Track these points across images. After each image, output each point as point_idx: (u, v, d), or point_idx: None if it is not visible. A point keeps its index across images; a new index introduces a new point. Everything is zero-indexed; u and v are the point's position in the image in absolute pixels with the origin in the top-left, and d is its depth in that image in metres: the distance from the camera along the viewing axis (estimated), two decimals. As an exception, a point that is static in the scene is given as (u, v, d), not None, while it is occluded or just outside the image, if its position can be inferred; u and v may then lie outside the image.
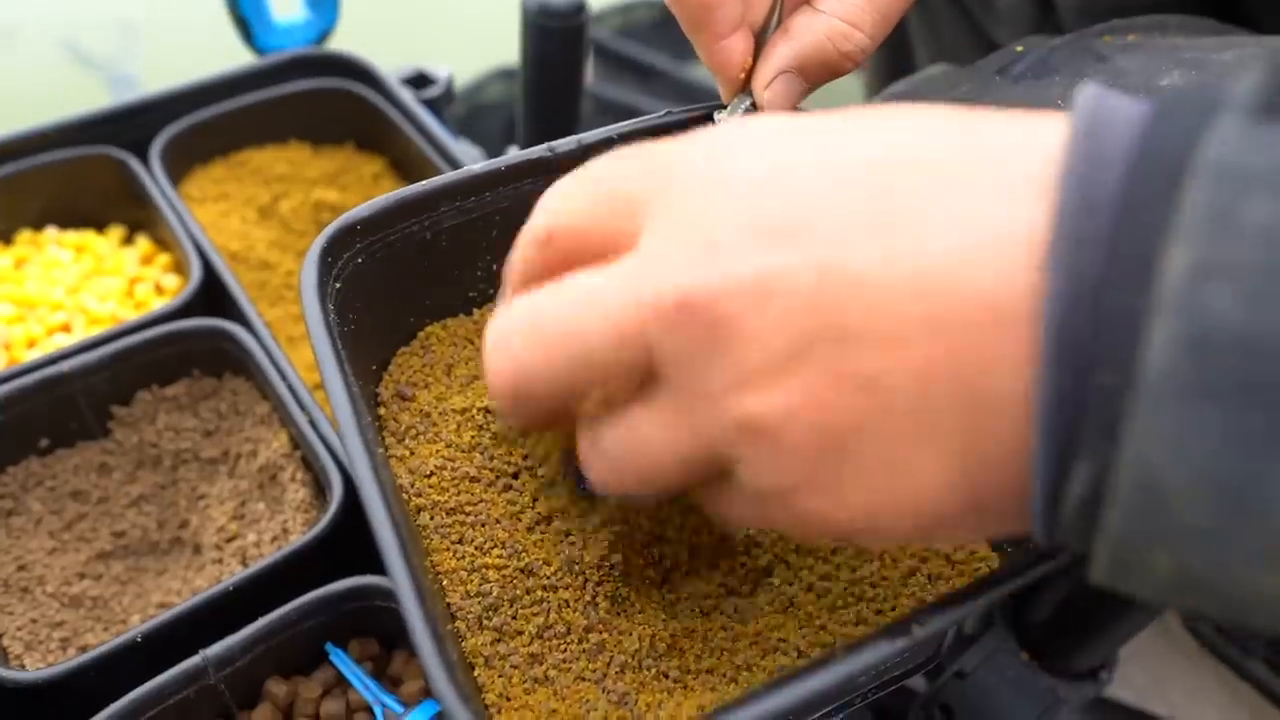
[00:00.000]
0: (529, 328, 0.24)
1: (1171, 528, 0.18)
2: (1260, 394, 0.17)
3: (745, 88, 0.37)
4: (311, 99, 0.62)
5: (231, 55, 0.66)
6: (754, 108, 0.37)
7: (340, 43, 0.67)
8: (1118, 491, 0.18)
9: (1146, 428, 0.18)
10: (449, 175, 0.37)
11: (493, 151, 0.87)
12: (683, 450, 0.23)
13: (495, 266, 0.40)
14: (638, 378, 0.22)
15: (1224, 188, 0.17)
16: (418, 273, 0.38)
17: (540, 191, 0.39)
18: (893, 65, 0.75)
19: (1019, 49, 0.43)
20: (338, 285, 0.35)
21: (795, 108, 0.36)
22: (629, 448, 0.23)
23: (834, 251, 0.20)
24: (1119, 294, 0.18)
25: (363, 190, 0.62)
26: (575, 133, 0.64)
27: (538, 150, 0.38)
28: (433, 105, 0.66)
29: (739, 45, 0.35)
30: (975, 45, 0.63)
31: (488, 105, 1.10)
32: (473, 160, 0.72)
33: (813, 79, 0.35)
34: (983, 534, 0.23)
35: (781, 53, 0.34)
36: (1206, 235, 0.17)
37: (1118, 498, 0.18)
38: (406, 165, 0.62)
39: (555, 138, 0.59)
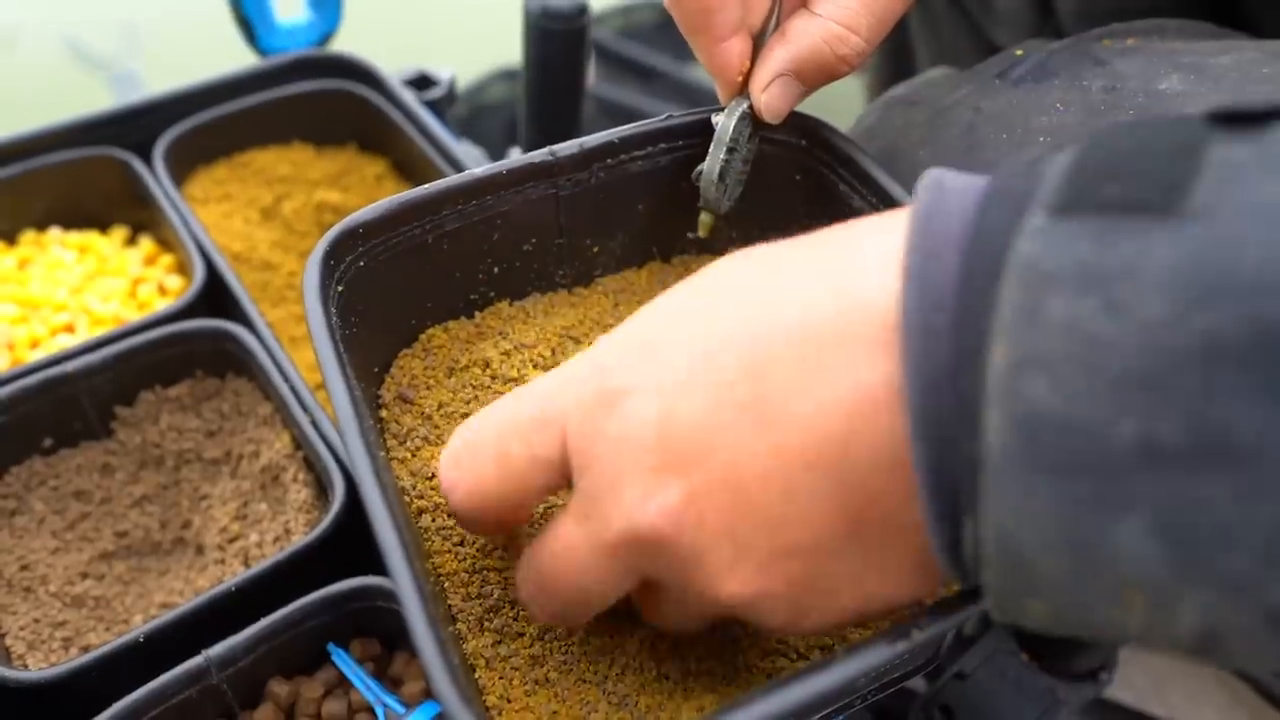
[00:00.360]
0: (535, 576, 0.30)
1: (1036, 581, 0.21)
2: (1083, 465, 0.19)
3: (743, 90, 0.37)
4: (314, 100, 0.62)
5: (233, 52, 0.66)
6: (750, 110, 0.37)
7: (343, 43, 0.67)
8: (987, 551, 0.22)
9: (996, 499, 0.21)
10: (451, 179, 0.37)
11: (495, 152, 0.87)
12: (688, 621, 0.30)
13: (496, 269, 0.40)
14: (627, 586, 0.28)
15: (1029, 287, 0.20)
16: (419, 275, 0.38)
17: (541, 195, 0.39)
18: (894, 67, 0.75)
19: (1019, 52, 0.43)
20: (340, 288, 0.36)
21: (793, 109, 0.36)
22: (658, 622, 0.31)
23: (734, 461, 0.24)
24: (963, 378, 0.21)
25: (365, 191, 0.62)
26: (577, 134, 0.64)
27: (539, 154, 0.38)
28: (435, 107, 0.66)
29: (737, 48, 0.35)
30: (975, 47, 0.63)
31: (490, 106, 1.10)
32: (475, 161, 0.72)
33: (810, 82, 0.36)
34: (916, 594, 0.27)
35: (779, 56, 0.35)
36: (1019, 332, 0.20)
37: (989, 557, 0.22)
38: (409, 167, 0.62)
39: (557, 139, 0.59)
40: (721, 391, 0.24)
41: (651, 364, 0.26)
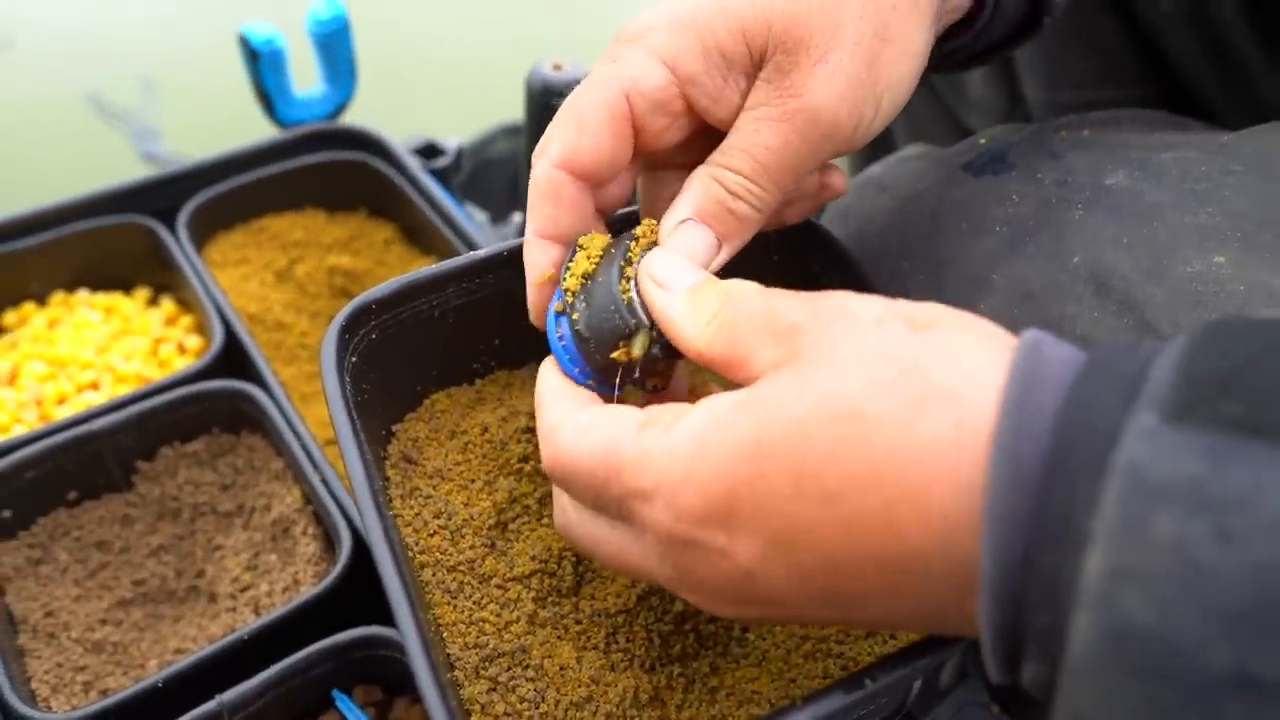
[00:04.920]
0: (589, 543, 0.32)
1: None
2: (1170, 677, 0.20)
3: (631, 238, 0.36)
4: (327, 170, 0.66)
5: (245, 104, 0.69)
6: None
7: (358, 106, 0.71)
8: (1057, 715, 0.22)
9: (1075, 686, 0.21)
10: (456, 260, 0.40)
11: (497, 209, 0.91)
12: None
13: (496, 341, 0.43)
14: None
15: (1136, 498, 0.20)
16: (425, 346, 0.41)
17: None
18: (873, 141, 0.79)
19: (983, 141, 0.46)
20: (354, 359, 0.39)
21: (707, 260, 0.34)
22: None
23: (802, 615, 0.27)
24: (1045, 570, 0.22)
25: (374, 255, 0.66)
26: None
27: (536, 237, 0.41)
28: (442, 174, 0.70)
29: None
30: (949, 129, 0.67)
31: (494, 160, 1.15)
32: (478, 225, 0.76)
33: (717, 226, 0.34)
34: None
35: (680, 206, 0.34)
36: (1120, 542, 0.20)
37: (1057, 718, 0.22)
38: (415, 232, 0.66)
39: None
40: (799, 582, 0.26)
41: (735, 532, 0.26)
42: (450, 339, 0.42)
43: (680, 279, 0.31)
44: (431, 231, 0.63)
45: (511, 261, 0.41)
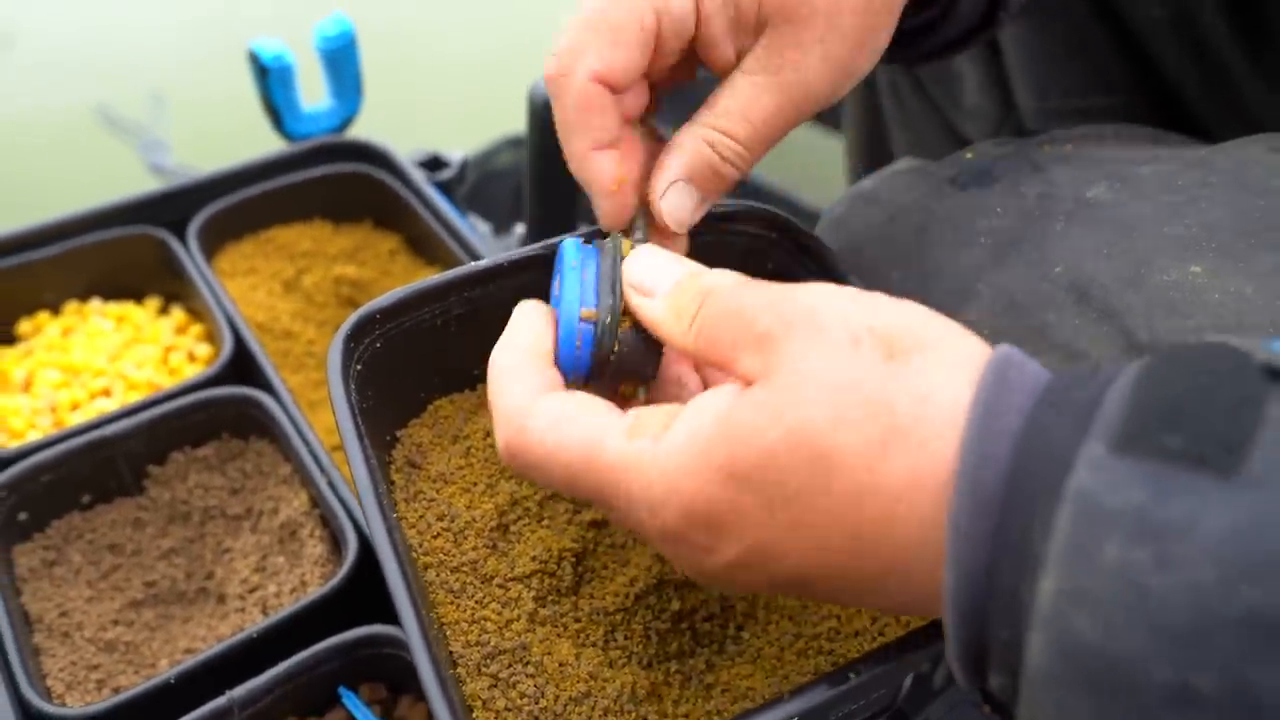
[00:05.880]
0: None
1: None
2: (1117, 691, 0.21)
3: (632, 220, 0.38)
4: (334, 182, 0.67)
5: (253, 120, 0.71)
6: (647, 228, 0.38)
7: (365, 118, 0.72)
8: None
9: (1033, 697, 0.23)
10: (458, 270, 0.42)
11: (501, 219, 0.92)
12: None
13: (498, 348, 0.45)
14: None
15: (1085, 524, 0.22)
16: (429, 354, 0.43)
17: (537, 282, 0.44)
18: (872, 150, 0.80)
19: (969, 156, 0.48)
20: (359, 367, 0.40)
21: (693, 219, 0.37)
22: None
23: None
24: (1005, 578, 0.24)
25: (379, 265, 0.67)
26: (575, 213, 0.70)
27: (535, 248, 0.43)
28: (446, 186, 0.72)
29: (610, 163, 0.36)
30: (945, 137, 0.68)
31: (498, 172, 1.16)
32: (481, 236, 0.77)
33: (704, 187, 0.36)
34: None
35: (670, 165, 0.36)
36: (1070, 567, 0.22)
37: None
38: (419, 242, 0.67)
39: (557, 217, 0.65)
40: (779, 587, 0.29)
41: (718, 538, 0.28)
42: (453, 347, 0.43)
43: (660, 283, 0.33)
44: (436, 242, 0.64)
45: (512, 271, 0.42)
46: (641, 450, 0.29)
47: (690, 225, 0.37)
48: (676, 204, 0.36)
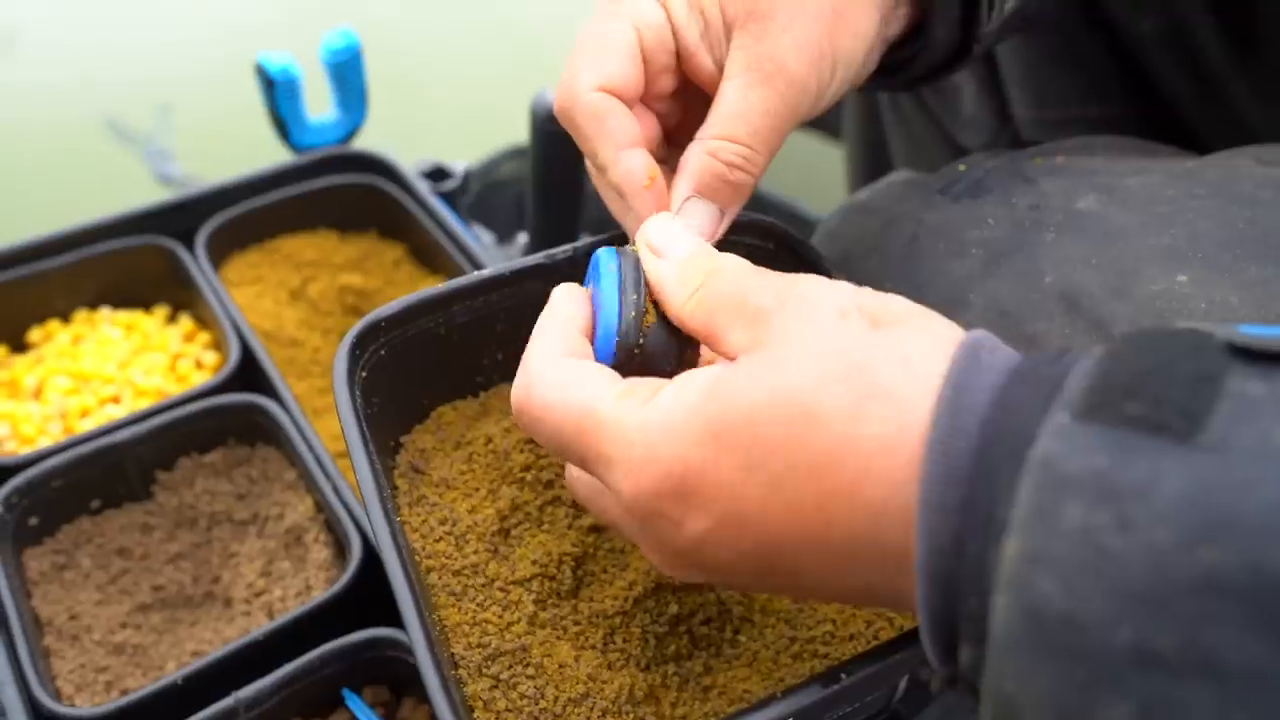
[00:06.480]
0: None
1: None
2: (1079, 654, 0.22)
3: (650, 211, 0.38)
4: (339, 193, 0.68)
5: (259, 131, 0.72)
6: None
7: (370, 129, 0.73)
8: (985, 694, 0.24)
9: (997, 668, 0.23)
10: (461, 279, 0.43)
11: (504, 229, 0.93)
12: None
13: (499, 355, 0.46)
14: None
15: (1047, 489, 0.22)
16: (432, 361, 0.44)
17: (538, 292, 0.45)
18: (872, 160, 0.81)
19: (961, 168, 0.48)
20: (364, 374, 0.41)
21: (715, 232, 0.38)
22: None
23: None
24: (973, 546, 0.24)
25: (384, 274, 0.68)
26: (577, 223, 0.70)
27: (537, 257, 0.44)
28: (449, 197, 0.73)
29: (639, 159, 0.37)
30: (943, 147, 0.69)
31: (501, 183, 1.17)
32: (484, 245, 0.78)
33: (718, 198, 0.37)
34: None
35: (680, 183, 0.37)
36: (1033, 530, 0.22)
37: (986, 698, 0.24)
38: (424, 252, 0.68)
39: (559, 227, 0.66)
40: (742, 556, 0.29)
41: (689, 504, 0.28)
42: (456, 354, 0.44)
43: (675, 248, 0.34)
44: (440, 252, 0.65)
45: (514, 280, 0.43)
46: (626, 410, 0.30)
47: (714, 238, 0.38)
48: (694, 220, 0.37)
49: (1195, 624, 0.20)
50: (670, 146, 0.41)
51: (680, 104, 0.40)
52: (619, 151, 0.37)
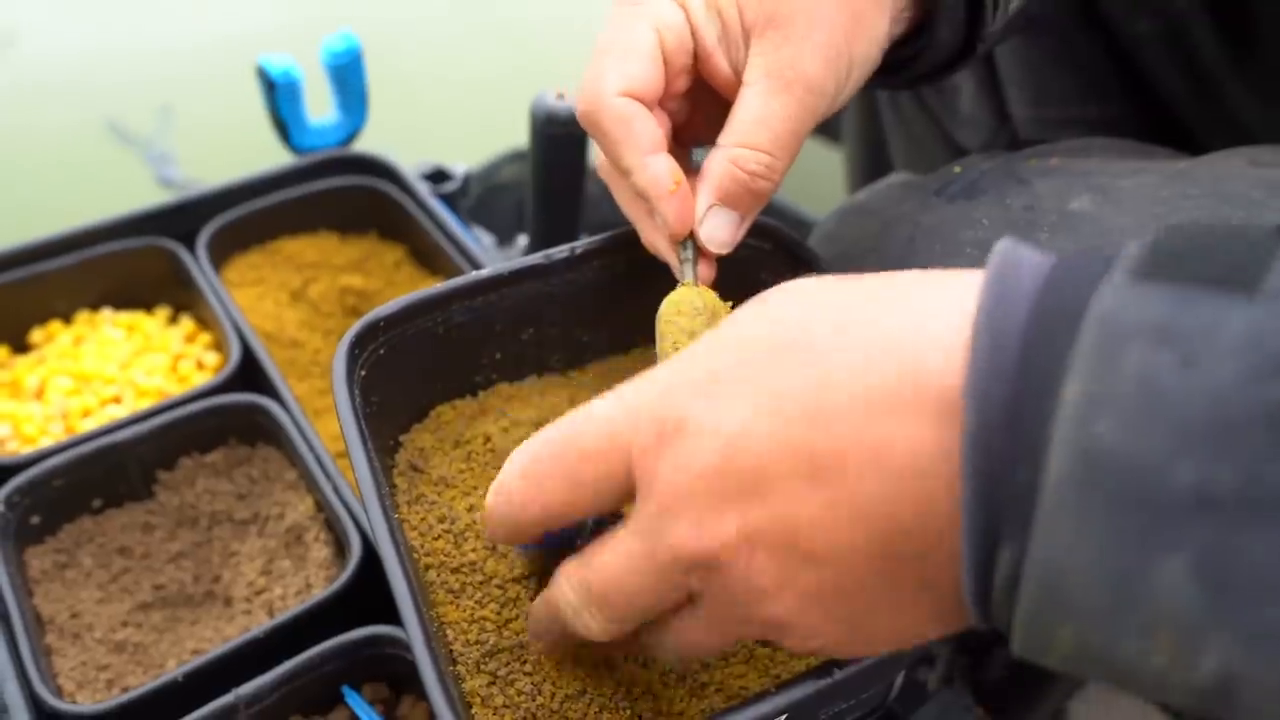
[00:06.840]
0: (585, 584, 0.30)
1: (1072, 607, 0.22)
2: (1139, 501, 0.21)
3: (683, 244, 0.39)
4: (340, 195, 0.69)
5: (260, 133, 0.73)
6: (696, 251, 0.40)
7: (371, 131, 0.74)
8: (1029, 575, 0.23)
9: (1049, 525, 0.22)
10: (459, 279, 0.43)
11: (505, 232, 0.94)
12: (716, 642, 0.30)
13: (498, 355, 0.46)
14: (673, 600, 0.29)
15: (1107, 336, 0.22)
16: (431, 361, 0.44)
17: (536, 292, 0.45)
18: (871, 161, 0.82)
19: (957, 169, 0.49)
20: (363, 372, 0.41)
21: (735, 238, 0.39)
22: (682, 646, 0.31)
23: (788, 508, 0.26)
24: (1025, 415, 0.22)
25: (384, 276, 0.69)
26: (577, 225, 0.71)
27: (535, 258, 0.44)
28: (450, 199, 0.73)
29: (664, 163, 0.37)
30: (942, 146, 0.69)
31: (501, 185, 1.18)
32: (484, 247, 0.78)
33: (739, 206, 0.38)
34: (940, 633, 0.28)
35: (703, 192, 0.38)
36: (1093, 373, 0.22)
37: (1029, 580, 0.23)
38: (424, 254, 0.69)
39: (560, 229, 0.66)
40: (781, 440, 0.25)
41: (717, 399, 0.26)
42: (454, 354, 0.45)
43: None
44: (440, 253, 0.66)
45: (512, 280, 0.44)
46: (615, 394, 0.29)
47: (734, 244, 0.39)
48: (716, 226, 0.38)
49: (1260, 459, 0.20)
50: (675, 143, 0.41)
51: (689, 102, 0.41)
52: (645, 156, 0.37)
